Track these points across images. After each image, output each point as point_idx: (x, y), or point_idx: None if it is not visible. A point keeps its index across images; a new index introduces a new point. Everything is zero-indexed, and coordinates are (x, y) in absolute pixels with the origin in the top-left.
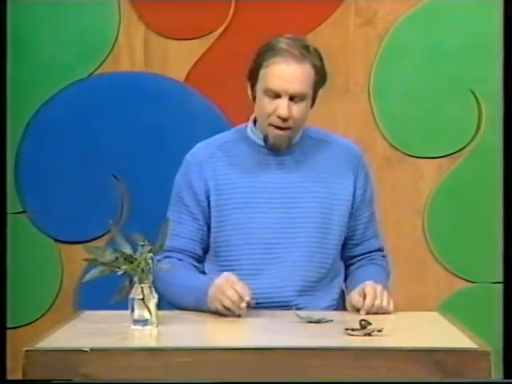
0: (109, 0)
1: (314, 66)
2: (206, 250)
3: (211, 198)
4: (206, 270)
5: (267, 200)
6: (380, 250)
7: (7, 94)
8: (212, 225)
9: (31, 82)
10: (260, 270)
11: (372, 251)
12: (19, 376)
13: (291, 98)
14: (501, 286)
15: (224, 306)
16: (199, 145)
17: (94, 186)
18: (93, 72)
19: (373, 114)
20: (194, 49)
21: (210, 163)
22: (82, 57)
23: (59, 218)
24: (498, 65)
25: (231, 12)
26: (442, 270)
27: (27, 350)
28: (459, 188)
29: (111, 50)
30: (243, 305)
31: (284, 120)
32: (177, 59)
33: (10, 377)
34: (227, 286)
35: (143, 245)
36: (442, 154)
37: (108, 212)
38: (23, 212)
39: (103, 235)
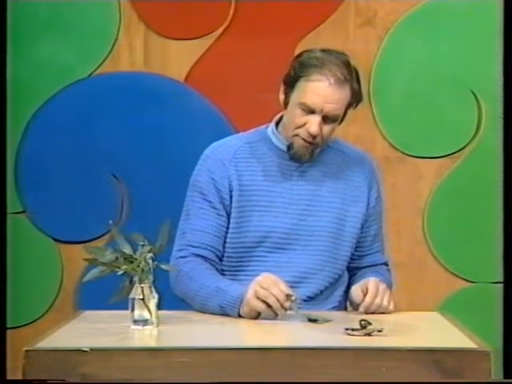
0: (109, 0)
1: (352, 90)
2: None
3: (233, 198)
4: None
5: (285, 205)
6: (384, 264)
7: (7, 94)
8: (229, 225)
9: (31, 81)
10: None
11: (376, 265)
12: (19, 376)
13: (324, 117)
14: (501, 286)
15: (267, 304)
16: (218, 143)
17: (94, 186)
18: (93, 72)
19: (373, 114)
20: (194, 49)
21: (233, 162)
22: (82, 57)
23: (59, 218)
24: (498, 65)
25: (231, 12)
26: (441, 270)
27: (27, 350)
28: (459, 188)
29: (111, 49)
30: (288, 304)
31: (313, 137)
32: (177, 59)
33: (9, 377)
34: (272, 284)
35: (143, 245)
36: (442, 154)
37: (108, 212)
38: (23, 212)
39: (103, 235)
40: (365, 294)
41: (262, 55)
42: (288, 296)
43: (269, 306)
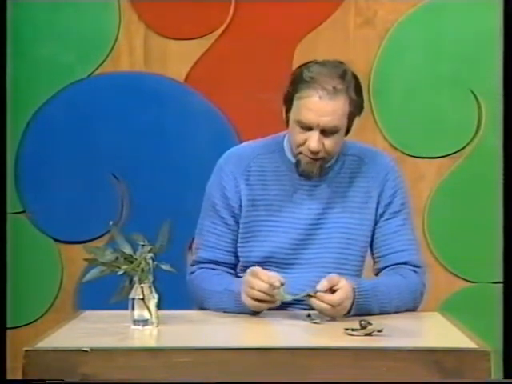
0: (109, 0)
1: (349, 99)
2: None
3: (242, 214)
4: None
5: (293, 220)
6: (408, 263)
7: (7, 94)
8: (238, 239)
9: (31, 81)
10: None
11: (398, 263)
12: (19, 376)
13: (323, 131)
14: (501, 286)
15: (257, 300)
16: (232, 152)
17: (94, 186)
18: (93, 72)
19: (373, 114)
20: (194, 49)
21: (244, 176)
22: (82, 57)
23: (59, 218)
24: (498, 65)
25: (231, 12)
26: (442, 270)
27: (27, 350)
28: (459, 188)
29: (111, 49)
30: (275, 291)
31: (315, 153)
32: (177, 59)
33: (9, 377)
34: (254, 280)
35: (143, 245)
36: (442, 154)
37: (108, 212)
38: (23, 212)
39: (103, 235)
40: (330, 290)
41: (262, 55)
42: (271, 285)
43: (260, 300)
